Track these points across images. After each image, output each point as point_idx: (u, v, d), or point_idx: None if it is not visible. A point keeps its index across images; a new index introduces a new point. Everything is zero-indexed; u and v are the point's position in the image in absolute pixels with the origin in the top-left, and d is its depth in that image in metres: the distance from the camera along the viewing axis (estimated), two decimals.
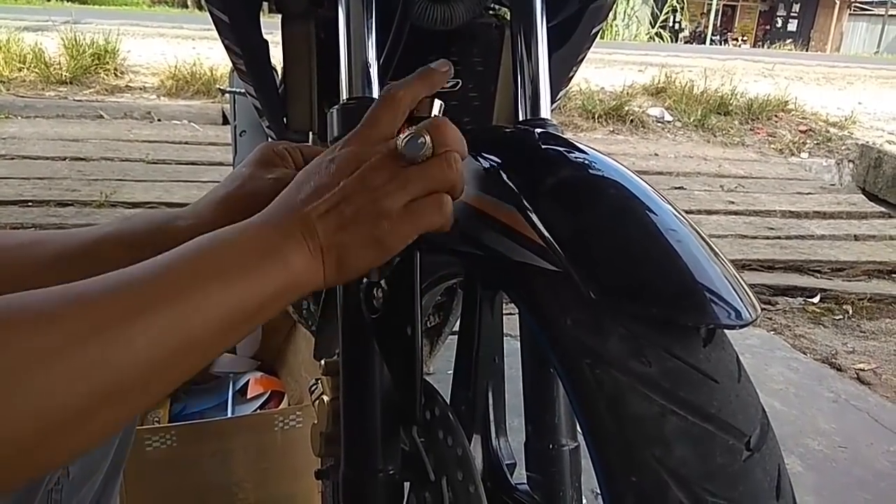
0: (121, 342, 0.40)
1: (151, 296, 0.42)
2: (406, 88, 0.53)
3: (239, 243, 0.47)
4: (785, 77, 7.58)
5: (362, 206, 0.48)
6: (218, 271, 0.45)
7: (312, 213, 0.49)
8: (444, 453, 0.56)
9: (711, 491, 0.38)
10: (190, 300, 0.43)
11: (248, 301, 0.45)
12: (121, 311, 0.40)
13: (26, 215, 2.85)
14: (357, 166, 0.50)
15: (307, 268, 0.48)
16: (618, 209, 0.46)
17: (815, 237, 3.37)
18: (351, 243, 0.49)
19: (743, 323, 0.40)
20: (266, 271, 0.46)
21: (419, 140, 0.48)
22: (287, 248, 0.47)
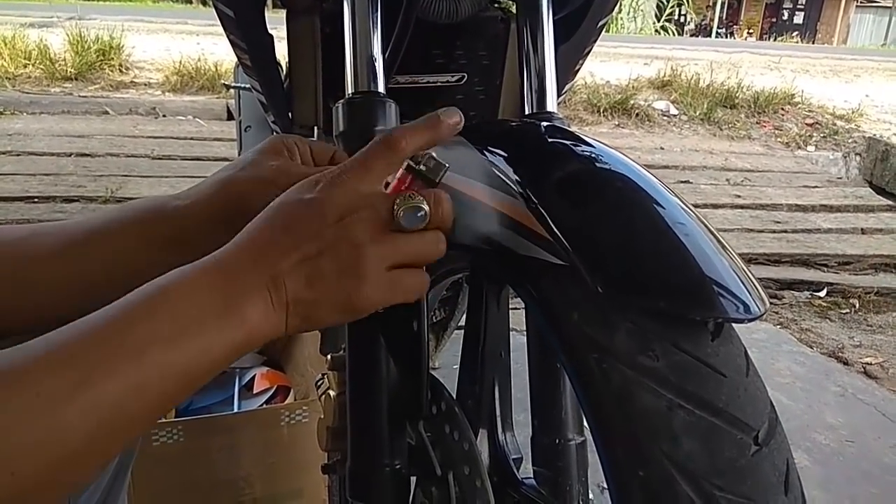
0: (68, 417, 0.38)
1: (95, 366, 0.39)
2: (409, 137, 0.48)
3: (194, 298, 0.43)
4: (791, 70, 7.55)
5: (343, 264, 0.45)
6: (169, 334, 0.41)
7: (284, 261, 0.44)
8: (450, 448, 0.56)
9: (719, 485, 0.38)
10: (139, 369, 0.40)
11: (201, 359, 0.42)
12: (51, 393, 0.38)
13: (32, 211, 2.86)
14: (341, 216, 0.45)
15: (267, 323, 0.44)
16: (625, 202, 0.45)
17: (821, 231, 3.36)
18: (320, 301, 0.45)
19: (751, 317, 0.40)
20: (222, 331, 0.43)
21: (419, 213, 0.45)
22: (247, 304, 0.43)
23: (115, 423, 0.40)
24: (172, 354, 0.41)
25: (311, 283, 0.45)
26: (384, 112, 0.62)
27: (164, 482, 1.19)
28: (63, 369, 0.39)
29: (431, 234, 0.47)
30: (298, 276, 0.44)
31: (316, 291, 0.45)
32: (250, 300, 0.44)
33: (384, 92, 0.64)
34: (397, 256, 0.46)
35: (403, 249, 0.46)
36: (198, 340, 0.42)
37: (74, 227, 0.63)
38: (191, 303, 0.43)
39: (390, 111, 0.63)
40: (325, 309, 0.46)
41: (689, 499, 0.38)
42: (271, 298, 0.44)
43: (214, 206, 0.60)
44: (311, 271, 0.45)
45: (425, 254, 0.47)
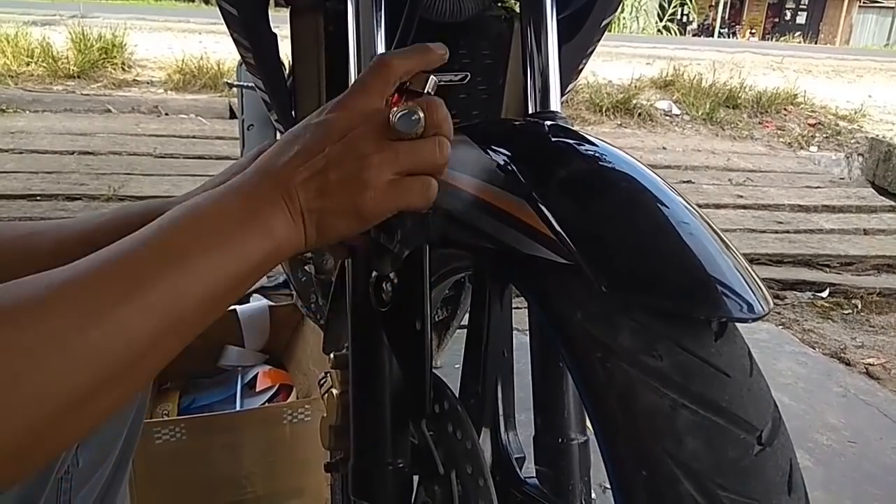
0: (110, 328, 0.40)
1: (135, 278, 0.42)
2: (400, 58, 0.52)
3: (218, 213, 0.46)
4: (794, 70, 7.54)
5: (347, 174, 0.48)
6: (200, 246, 0.44)
7: (295, 177, 0.48)
8: (453, 447, 0.56)
9: (722, 485, 0.38)
10: (174, 278, 0.43)
11: (233, 271, 0.45)
12: (106, 297, 0.40)
13: (35, 209, 2.86)
14: (344, 132, 0.49)
15: (288, 232, 0.48)
16: (629, 202, 0.45)
17: (824, 231, 3.35)
18: (331, 210, 0.48)
19: (755, 316, 0.40)
20: (248, 239, 0.46)
21: (413, 117, 0.47)
22: (268, 213, 0.47)
23: (168, 325, 0.42)
24: (212, 259, 0.44)
25: (320, 194, 0.48)
26: None
27: (166, 480, 1.19)
28: (111, 280, 0.41)
29: (430, 139, 0.49)
30: (309, 188, 0.48)
31: (325, 200, 0.48)
32: (271, 210, 0.47)
33: None
34: (399, 163, 0.49)
35: (404, 156, 0.49)
36: (232, 246, 0.45)
37: (71, 227, 0.64)
38: (220, 216, 0.46)
39: None
40: (335, 216, 0.49)
41: (693, 498, 0.38)
42: (288, 208, 0.48)
43: None
44: (319, 183, 0.48)
45: (427, 160, 0.49)
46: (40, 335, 0.38)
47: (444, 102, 0.50)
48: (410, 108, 0.48)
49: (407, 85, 0.52)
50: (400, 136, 0.48)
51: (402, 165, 0.49)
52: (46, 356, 0.37)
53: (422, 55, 0.53)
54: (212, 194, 0.48)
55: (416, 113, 0.47)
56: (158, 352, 0.43)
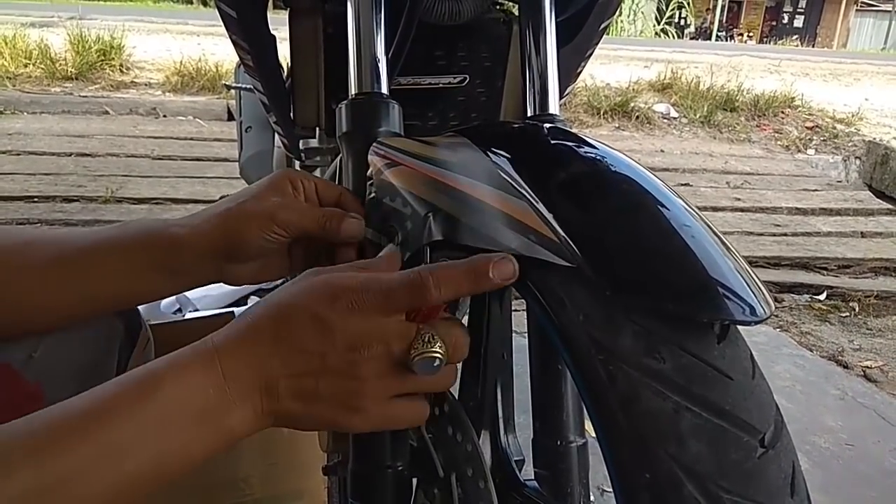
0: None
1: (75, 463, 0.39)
2: (446, 285, 0.44)
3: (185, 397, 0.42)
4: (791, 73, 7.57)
5: (340, 391, 0.44)
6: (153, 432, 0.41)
7: (282, 375, 0.43)
8: (453, 449, 0.56)
9: (726, 488, 0.38)
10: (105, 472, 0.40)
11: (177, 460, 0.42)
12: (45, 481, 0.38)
13: (32, 211, 2.86)
14: (353, 347, 0.43)
15: (249, 429, 0.44)
16: (630, 204, 0.45)
17: (821, 234, 3.36)
18: (311, 417, 0.45)
19: (757, 319, 0.39)
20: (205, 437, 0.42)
21: (435, 364, 0.44)
22: (236, 412, 0.43)
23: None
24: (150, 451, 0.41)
25: (304, 400, 0.44)
26: (387, 113, 0.62)
27: None
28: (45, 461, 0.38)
29: (444, 371, 0.46)
30: (292, 392, 0.44)
31: (306, 409, 0.44)
32: (240, 408, 0.43)
33: (387, 93, 0.64)
34: (401, 391, 0.46)
35: (409, 388, 0.46)
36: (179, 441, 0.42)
37: (71, 241, 0.62)
38: (180, 402, 0.42)
39: (393, 112, 0.63)
40: (311, 424, 0.46)
41: (696, 501, 0.38)
42: (261, 404, 0.44)
43: (212, 239, 0.60)
44: (306, 390, 0.44)
45: (433, 390, 0.47)
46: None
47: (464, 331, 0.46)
48: (432, 352, 0.43)
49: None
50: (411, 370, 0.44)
51: (402, 392, 0.45)
52: None
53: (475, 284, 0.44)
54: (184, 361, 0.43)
55: (437, 360, 0.44)
56: None
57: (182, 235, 0.60)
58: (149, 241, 0.61)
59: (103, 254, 0.61)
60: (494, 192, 0.47)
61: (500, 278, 0.43)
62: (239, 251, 0.59)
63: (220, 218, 0.60)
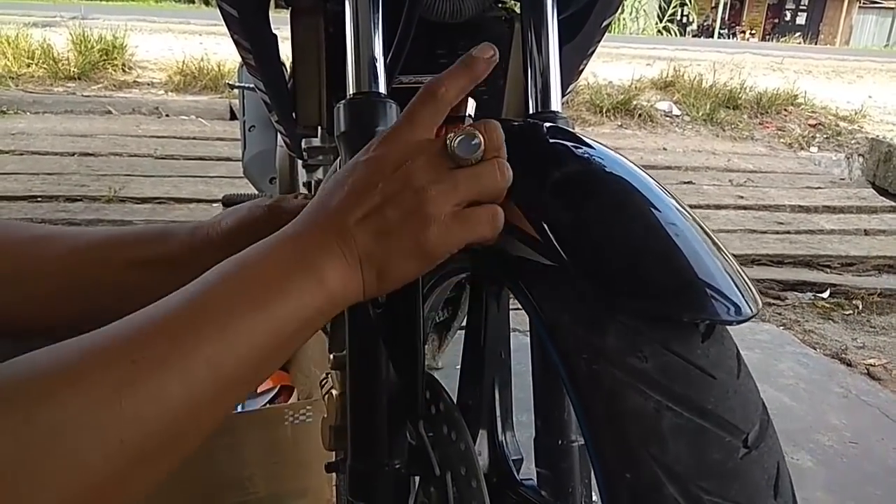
0: (152, 395, 0.37)
1: (181, 339, 0.39)
2: (449, 83, 0.48)
3: (265, 266, 0.43)
4: (794, 71, 7.55)
5: (406, 210, 0.44)
6: (250, 300, 0.41)
7: (349, 218, 0.44)
8: (448, 448, 0.56)
9: (707, 489, 0.37)
10: (217, 342, 0.40)
11: (286, 326, 0.42)
12: (149, 362, 0.38)
13: (36, 210, 2.87)
14: (398, 165, 0.45)
15: (345, 282, 0.44)
16: (618, 204, 0.45)
17: (824, 232, 3.35)
18: (393, 252, 0.45)
19: (741, 318, 0.39)
20: (302, 292, 0.43)
21: (474, 141, 0.44)
22: (322, 262, 0.43)
23: (211, 387, 0.40)
24: (259, 319, 0.41)
25: (379, 235, 0.44)
26: (385, 113, 0.62)
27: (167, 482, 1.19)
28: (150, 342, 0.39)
29: (490, 163, 0.46)
30: (366, 230, 0.44)
31: (386, 242, 0.45)
32: (325, 259, 0.44)
33: (385, 92, 0.64)
34: (460, 192, 0.45)
35: (465, 184, 0.45)
36: (282, 301, 0.42)
37: (86, 237, 0.64)
38: (271, 268, 0.43)
39: (391, 112, 0.62)
40: (397, 259, 0.45)
41: (676, 502, 0.37)
42: (345, 254, 0.44)
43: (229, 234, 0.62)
44: (377, 223, 0.44)
45: (489, 185, 0.46)
46: (72, 409, 0.35)
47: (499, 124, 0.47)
48: (469, 132, 0.45)
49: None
50: (458, 164, 0.45)
51: (463, 194, 0.45)
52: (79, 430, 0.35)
53: (469, 70, 0.48)
54: (259, 245, 0.45)
55: (476, 137, 0.45)
56: (202, 420, 0.41)
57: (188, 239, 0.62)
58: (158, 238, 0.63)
59: (120, 249, 0.62)
60: None
61: (484, 58, 0.48)
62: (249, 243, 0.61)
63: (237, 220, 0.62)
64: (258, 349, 0.41)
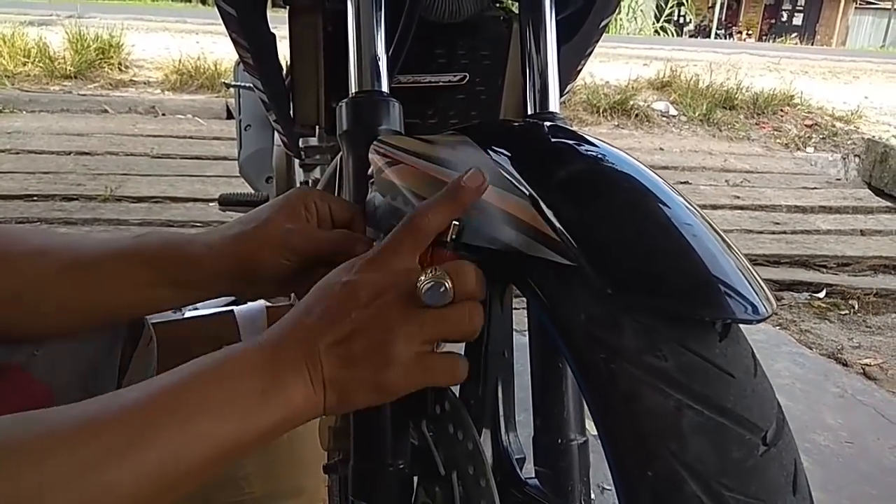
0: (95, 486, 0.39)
1: (133, 435, 0.41)
2: (433, 212, 0.48)
3: (238, 375, 0.45)
4: (790, 71, 7.57)
5: (372, 345, 0.46)
6: (214, 409, 0.43)
7: (320, 342, 0.46)
8: (454, 448, 0.56)
9: (727, 486, 0.38)
10: (175, 442, 0.42)
11: (245, 437, 0.44)
12: (97, 453, 0.40)
13: (32, 210, 2.86)
14: (373, 297, 0.47)
15: (307, 401, 0.46)
16: (631, 202, 0.45)
17: (820, 232, 3.36)
18: (353, 381, 0.47)
19: (759, 318, 0.39)
20: (265, 408, 0.45)
21: (441, 289, 0.45)
22: (290, 380, 0.46)
23: (156, 487, 0.41)
24: (218, 425, 0.43)
25: (344, 363, 0.47)
26: (388, 111, 0.62)
27: None
28: (111, 432, 0.41)
29: (459, 307, 0.47)
30: (333, 356, 0.46)
31: (349, 371, 0.47)
32: (292, 379, 0.46)
33: (387, 91, 0.64)
34: (426, 333, 0.47)
35: (432, 326, 0.47)
36: (243, 414, 0.44)
37: (85, 251, 0.63)
38: (239, 380, 0.45)
39: (394, 110, 0.63)
40: (357, 389, 0.47)
41: (698, 499, 0.37)
42: (310, 376, 0.46)
43: (224, 261, 0.61)
44: (344, 351, 0.46)
45: (456, 330, 0.48)
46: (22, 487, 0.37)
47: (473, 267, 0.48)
48: (437, 279, 0.46)
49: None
50: (427, 307, 0.46)
51: (429, 336, 0.47)
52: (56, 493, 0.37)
53: (456, 201, 0.48)
54: (234, 350, 0.47)
55: (443, 285, 0.46)
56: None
57: (194, 254, 0.62)
58: (161, 256, 0.62)
59: (119, 265, 0.62)
60: (495, 191, 0.47)
61: (473, 186, 0.47)
62: (252, 273, 0.61)
63: (234, 242, 0.62)
64: (213, 454, 0.43)
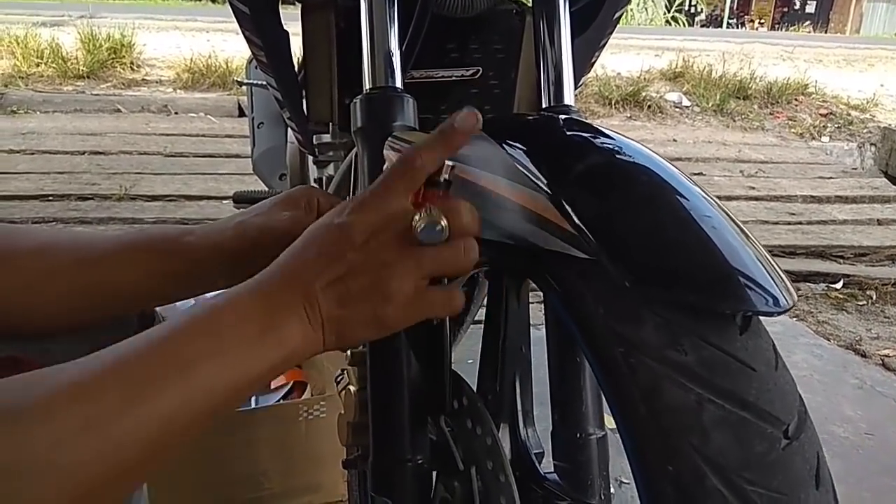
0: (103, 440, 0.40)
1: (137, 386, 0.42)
2: (426, 152, 0.48)
3: (234, 319, 0.45)
4: (804, 60, 7.49)
5: (369, 283, 0.47)
6: (210, 355, 0.44)
7: (316, 282, 0.47)
8: (472, 442, 0.56)
9: (750, 479, 0.38)
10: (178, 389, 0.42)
11: (242, 380, 0.45)
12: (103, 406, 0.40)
13: (47, 209, 2.88)
14: (367, 237, 0.47)
15: (305, 340, 0.47)
16: (649, 195, 0.45)
17: (837, 222, 3.33)
18: (352, 319, 0.47)
19: (780, 310, 0.39)
20: (262, 350, 0.45)
21: (437, 227, 0.46)
22: (287, 321, 0.46)
23: (165, 435, 0.42)
24: (218, 370, 0.44)
25: (341, 302, 0.47)
26: (402, 107, 0.62)
27: (182, 478, 1.20)
28: (115, 386, 0.41)
29: (455, 244, 0.47)
30: (330, 295, 0.47)
31: (346, 309, 0.47)
32: (288, 318, 0.46)
33: (401, 87, 0.64)
34: (423, 270, 0.47)
35: (427, 264, 0.47)
36: (242, 357, 0.45)
37: (89, 246, 0.65)
38: (235, 323, 0.45)
39: (408, 106, 0.62)
40: (356, 326, 0.48)
41: (720, 493, 0.37)
42: (307, 316, 0.47)
43: (225, 248, 0.62)
44: (341, 290, 0.47)
45: (452, 266, 0.48)
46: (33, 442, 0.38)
47: (468, 205, 0.48)
48: (433, 217, 0.46)
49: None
50: (424, 244, 0.46)
51: (426, 272, 0.47)
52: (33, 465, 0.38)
53: (448, 140, 0.48)
54: (230, 296, 0.47)
55: (439, 223, 0.46)
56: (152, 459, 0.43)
57: (194, 243, 0.63)
58: (162, 248, 0.63)
59: (121, 261, 0.63)
60: (512, 186, 0.47)
61: (462, 128, 0.47)
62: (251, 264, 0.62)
63: (233, 229, 0.63)
64: (215, 397, 0.44)
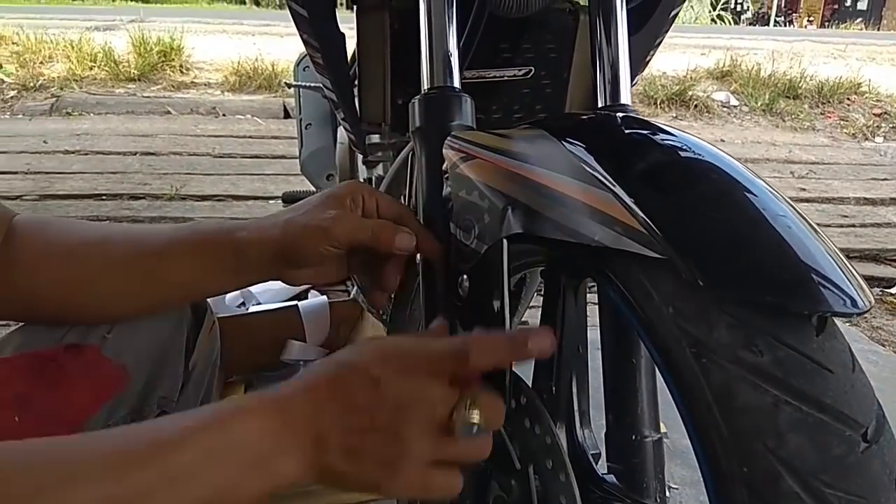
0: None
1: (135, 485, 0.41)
2: (487, 356, 0.47)
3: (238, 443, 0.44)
4: (856, 58, 7.28)
5: (385, 453, 0.46)
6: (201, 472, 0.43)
7: (333, 432, 0.46)
8: (530, 442, 0.56)
9: (827, 482, 0.37)
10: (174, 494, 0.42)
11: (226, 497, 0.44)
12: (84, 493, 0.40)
13: (101, 208, 2.96)
14: (400, 406, 0.46)
15: (297, 476, 0.46)
16: (719, 192, 0.44)
17: (891, 225, 3.23)
18: (351, 476, 0.46)
19: (858, 311, 0.38)
20: (257, 478, 0.44)
21: (473, 430, 0.46)
22: (286, 460, 0.45)
23: None
24: (205, 486, 0.43)
25: (349, 457, 0.46)
26: (460, 107, 0.62)
27: None
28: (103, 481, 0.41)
29: (480, 440, 0.47)
30: (341, 446, 0.46)
31: (351, 465, 0.46)
32: (291, 456, 0.45)
33: (459, 87, 0.64)
34: (438, 457, 0.47)
35: (449, 453, 0.47)
36: (233, 480, 0.44)
37: (142, 241, 0.67)
38: (241, 443, 0.44)
39: (466, 106, 0.63)
40: (351, 482, 0.47)
41: (797, 496, 0.37)
42: (311, 456, 0.46)
43: (272, 246, 0.64)
44: (354, 447, 0.46)
45: (469, 458, 0.48)
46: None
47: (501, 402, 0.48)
48: (472, 420, 0.45)
49: None
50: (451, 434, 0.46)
51: (440, 459, 0.47)
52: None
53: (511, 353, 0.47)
54: (252, 406, 0.46)
55: (476, 425, 0.45)
56: None
57: (245, 239, 0.64)
58: (217, 244, 0.65)
59: (176, 254, 0.66)
60: (576, 184, 0.47)
61: (537, 350, 0.46)
62: (297, 258, 0.64)
63: (280, 227, 0.64)
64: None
